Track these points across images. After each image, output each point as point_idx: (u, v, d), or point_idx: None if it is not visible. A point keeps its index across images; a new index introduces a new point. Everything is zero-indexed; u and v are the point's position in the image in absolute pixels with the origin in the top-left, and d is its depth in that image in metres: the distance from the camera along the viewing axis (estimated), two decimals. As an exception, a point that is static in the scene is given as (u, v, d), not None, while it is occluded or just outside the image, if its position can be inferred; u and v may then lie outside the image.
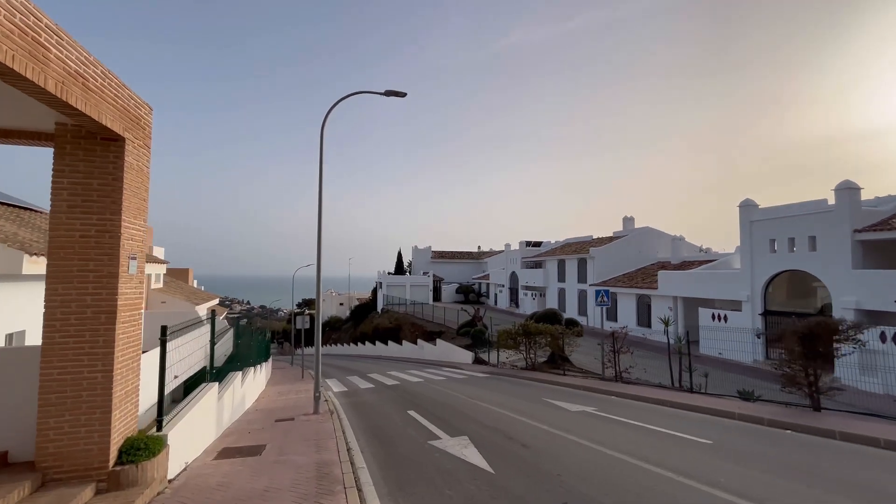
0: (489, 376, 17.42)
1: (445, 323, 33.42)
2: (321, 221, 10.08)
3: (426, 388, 14.14)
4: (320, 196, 10.17)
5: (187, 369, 6.79)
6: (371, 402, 11.83)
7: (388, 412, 10.15)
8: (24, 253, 7.76)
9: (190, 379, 7.70)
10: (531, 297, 42.24)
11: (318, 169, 10.20)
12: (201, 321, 7.07)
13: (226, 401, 8.30)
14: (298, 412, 10.19)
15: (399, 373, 20.06)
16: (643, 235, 34.65)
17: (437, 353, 27.61)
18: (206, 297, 27.99)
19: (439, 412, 9.77)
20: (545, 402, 10.73)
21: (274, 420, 9.24)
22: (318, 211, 10.12)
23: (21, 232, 9.36)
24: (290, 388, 15.88)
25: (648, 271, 31.52)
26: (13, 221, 10.17)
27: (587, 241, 39.49)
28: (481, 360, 22.49)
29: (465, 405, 10.54)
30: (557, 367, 17.95)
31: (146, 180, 5.08)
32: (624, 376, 13.03)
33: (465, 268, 62.67)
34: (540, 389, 12.93)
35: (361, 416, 9.83)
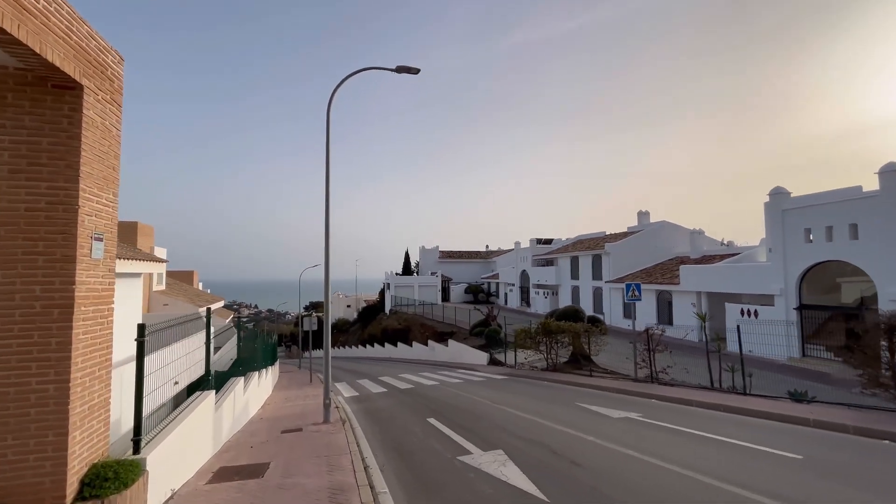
0: (508, 378, 16.37)
1: (457, 323, 32.38)
2: (329, 211, 9.12)
3: (443, 392, 13.13)
4: (327, 182, 9.21)
5: (187, 373, 5.85)
6: (385, 409, 10.83)
7: (405, 420, 9.14)
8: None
9: (193, 384, 6.81)
10: (543, 295, 41.08)
11: (325, 152, 9.24)
12: (197, 317, 6.13)
13: (225, 411, 7.33)
14: (307, 421, 9.22)
15: (412, 375, 19.07)
16: (660, 230, 33.41)
17: (450, 354, 26.57)
18: (210, 299, 27.17)
19: (463, 420, 8.75)
20: (580, 407, 9.66)
21: (280, 431, 8.27)
22: (326, 199, 9.16)
23: None
24: (298, 394, 14.94)
25: (667, 267, 30.31)
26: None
27: (600, 238, 38.31)
28: (497, 360, 21.43)
29: (491, 411, 9.51)
30: (581, 368, 16.86)
31: (116, 144, 4.12)
32: (660, 377, 11.92)
33: (473, 267, 61.61)
34: (569, 392, 11.86)
35: (376, 426, 8.84)
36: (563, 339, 16.81)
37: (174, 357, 5.66)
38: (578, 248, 37.97)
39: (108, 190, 4.01)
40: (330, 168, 9.16)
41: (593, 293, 34.46)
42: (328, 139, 9.29)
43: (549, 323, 16.46)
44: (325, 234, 9.13)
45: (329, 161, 9.25)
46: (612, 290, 31.88)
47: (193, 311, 21.02)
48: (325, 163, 9.19)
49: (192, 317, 5.97)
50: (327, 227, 9.14)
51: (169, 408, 6.09)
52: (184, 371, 5.84)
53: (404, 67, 9.95)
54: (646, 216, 36.52)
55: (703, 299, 24.70)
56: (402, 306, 45.60)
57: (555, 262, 40.83)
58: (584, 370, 16.54)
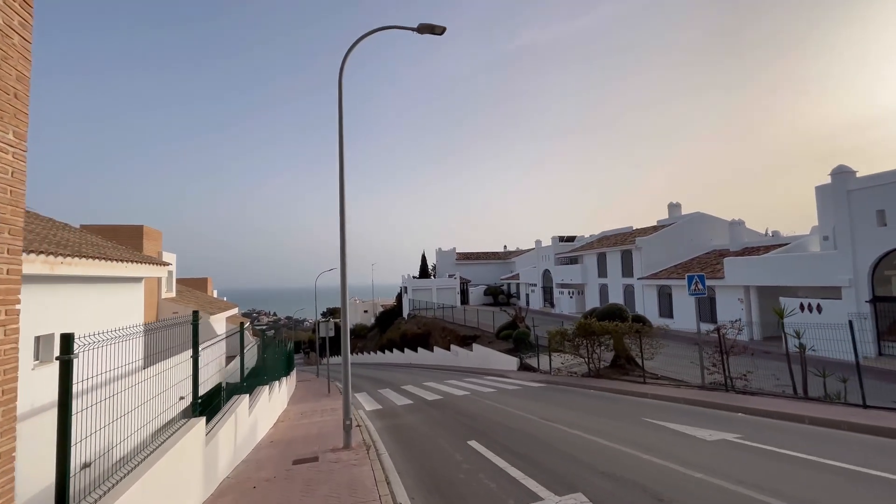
0: (547, 386, 14.66)
1: (480, 326, 30.72)
2: (343, 197, 7.65)
3: (478, 404, 11.51)
4: (341, 163, 7.74)
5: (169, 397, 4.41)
6: (415, 427, 9.28)
7: (442, 444, 7.56)
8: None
9: (205, 395, 5.44)
10: (568, 295, 39.09)
11: (338, 125, 7.79)
12: (179, 322, 4.70)
13: (222, 441, 5.88)
14: (324, 445, 7.73)
15: (437, 384, 17.51)
16: (694, 222, 31.20)
17: (475, 359, 24.92)
18: (223, 307, 26.11)
19: (515, 444, 7.13)
20: (655, 424, 7.94)
21: (292, 461, 6.78)
22: (340, 182, 7.69)
23: None
24: (315, 407, 13.51)
25: (705, 260, 28.15)
26: None
27: (628, 233, 36.22)
28: (529, 366, 19.71)
29: (546, 432, 7.86)
30: (627, 373, 15.06)
31: (22, 60, 2.68)
32: (735, 384, 10.08)
33: (491, 269, 59.82)
34: (629, 404, 10.11)
35: (407, 452, 7.28)
36: (607, 342, 15.06)
37: (155, 376, 4.24)
38: (605, 244, 35.94)
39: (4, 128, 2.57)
40: (343, 148, 7.71)
41: (624, 291, 32.39)
42: (340, 110, 7.85)
43: (589, 323, 14.71)
44: (341, 223, 7.67)
45: (342, 138, 7.80)
46: (646, 286, 29.82)
47: (204, 320, 19.87)
48: (339, 138, 7.75)
49: (171, 322, 4.53)
50: (342, 214, 7.67)
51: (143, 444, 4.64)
52: (160, 394, 4.37)
53: (427, 26, 8.48)
54: (677, 208, 34.33)
55: (752, 294, 22.55)
56: (421, 310, 44.15)
57: (580, 259, 38.86)
58: (631, 376, 14.74)
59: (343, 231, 7.72)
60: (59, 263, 7.47)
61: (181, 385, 4.91)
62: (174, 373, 4.85)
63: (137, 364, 4.45)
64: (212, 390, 8.57)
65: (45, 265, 7.11)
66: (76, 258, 7.91)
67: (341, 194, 7.68)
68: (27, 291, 7.20)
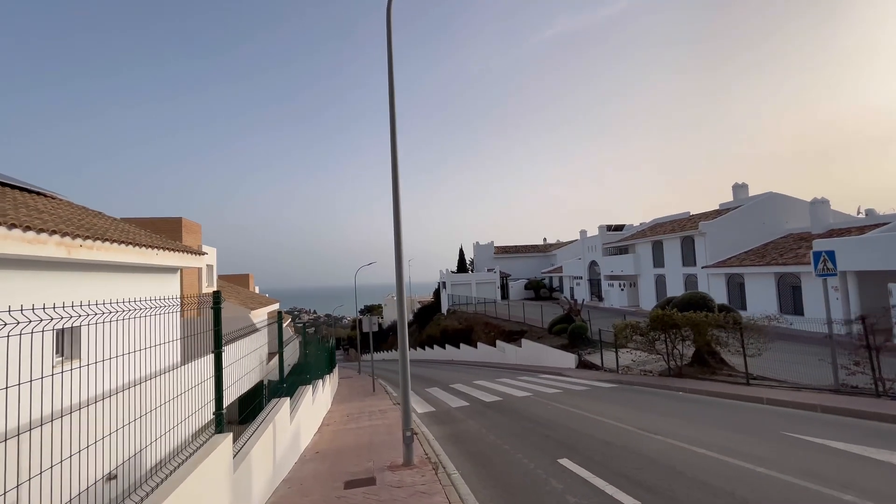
0: (620, 387, 12.80)
1: (526, 321, 28.89)
2: (395, 148, 6.24)
3: (548, 409, 9.88)
4: (392, 105, 6.32)
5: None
6: (481, 438, 7.78)
7: (525, 463, 6.02)
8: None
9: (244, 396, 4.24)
10: (619, 287, 36.49)
11: (388, 65, 6.39)
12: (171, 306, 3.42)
13: (257, 459, 4.61)
14: (380, 460, 6.38)
15: (489, 382, 16.00)
16: (767, 203, 27.93)
17: (525, 356, 23.20)
18: (265, 302, 25.74)
19: (623, 466, 5.48)
20: (803, 441, 6.05)
21: (342, 483, 5.44)
22: (392, 132, 6.28)
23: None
24: (361, 408, 12.32)
25: (782, 245, 25.01)
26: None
27: (685, 219, 33.22)
28: (589, 363, 17.81)
29: (657, 449, 6.14)
30: (713, 372, 12.95)
31: None
32: (889, 389, 7.90)
33: (531, 262, 57.59)
34: (747, 412, 8.15)
35: (483, 473, 5.79)
36: (689, 336, 12.99)
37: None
38: (659, 231, 33.09)
39: None
40: (394, 86, 6.28)
41: (685, 281, 29.55)
42: (390, 49, 6.42)
43: (669, 314, 12.68)
44: (394, 193, 6.25)
45: (392, 75, 6.37)
46: (712, 275, 26.95)
47: (244, 314, 19.30)
48: (389, 77, 6.33)
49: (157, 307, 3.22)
50: (395, 180, 6.25)
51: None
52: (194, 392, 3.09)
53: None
54: (743, 189, 30.98)
55: (851, 281, 19.49)
56: (461, 305, 42.75)
57: (631, 249, 36.11)
58: (721, 375, 12.62)
59: (397, 204, 6.31)
60: (78, 247, 6.48)
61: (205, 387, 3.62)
62: (209, 371, 3.60)
63: (175, 361, 3.24)
64: (251, 391, 7.43)
65: (60, 247, 6.11)
66: (98, 241, 6.93)
67: (393, 156, 6.27)
68: (41, 278, 6.23)
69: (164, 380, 3.11)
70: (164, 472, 2.88)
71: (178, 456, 3.08)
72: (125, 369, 2.74)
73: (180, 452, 3.13)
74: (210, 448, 3.38)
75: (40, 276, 5.92)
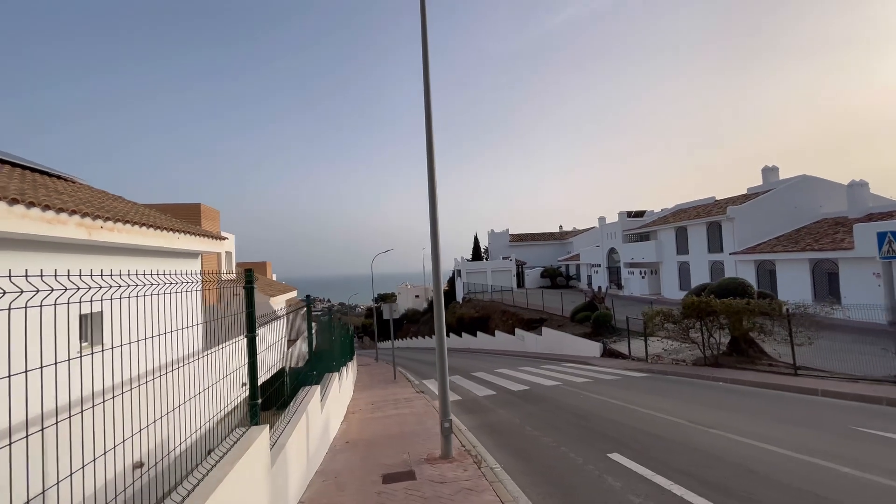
0: (653, 376, 12.28)
1: (545, 309, 28.40)
2: (430, 118, 5.75)
3: (582, 399, 9.44)
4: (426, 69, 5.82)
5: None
6: (518, 429, 7.38)
7: (572, 458, 5.60)
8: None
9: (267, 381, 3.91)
10: (640, 275, 35.64)
11: (422, 41, 5.87)
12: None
13: (292, 452, 4.27)
14: (415, 451, 6.03)
15: (511, 370, 15.64)
16: (800, 187, 26.69)
17: (546, 344, 22.75)
18: (282, 289, 25.71)
19: (687, 464, 5.02)
20: (882, 437, 5.51)
21: (379, 476, 5.11)
22: (426, 101, 5.79)
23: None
24: (384, 396, 12.06)
25: (817, 230, 23.88)
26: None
27: (710, 204, 32.09)
28: (615, 352, 17.29)
29: (719, 445, 5.66)
30: (751, 361, 12.33)
31: None
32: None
33: (547, 250, 56.75)
34: (803, 405, 7.59)
35: (529, 468, 5.39)
36: (725, 323, 12.36)
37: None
38: (683, 217, 32.03)
39: None
40: (428, 59, 5.78)
41: (710, 269, 28.61)
42: (423, 22, 5.89)
43: (707, 301, 12.04)
44: (429, 154, 5.78)
45: (427, 46, 5.86)
46: (740, 262, 25.98)
47: (264, 300, 19.18)
48: (423, 50, 5.82)
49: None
50: (430, 141, 5.78)
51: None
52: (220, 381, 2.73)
53: None
54: (773, 172, 29.68)
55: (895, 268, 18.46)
56: (476, 293, 42.41)
57: (653, 235, 35.12)
58: (760, 364, 11.99)
59: (432, 162, 5.84)
60: (99, 228, 6.18)
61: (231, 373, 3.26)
62: (232, 356, 3.24)
63: (197, 346, 2.89)
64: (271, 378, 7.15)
65: (80, 228, 5.82)
66: (119, 223, 6.65)
67: (428, 120, 5.78)
68: (60, 261, 5.94)
69: (189, 366, 2.76)
70: (199, 468, 2.52)
71: (212, 451, 2.72)
72: (148, 355, 2.39)
73: (211, 442, 2.77)
74: (247, 442, 3.01)
75: (59, 258, 5.64)
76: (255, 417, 3.36)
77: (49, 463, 1.86)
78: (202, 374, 2.84)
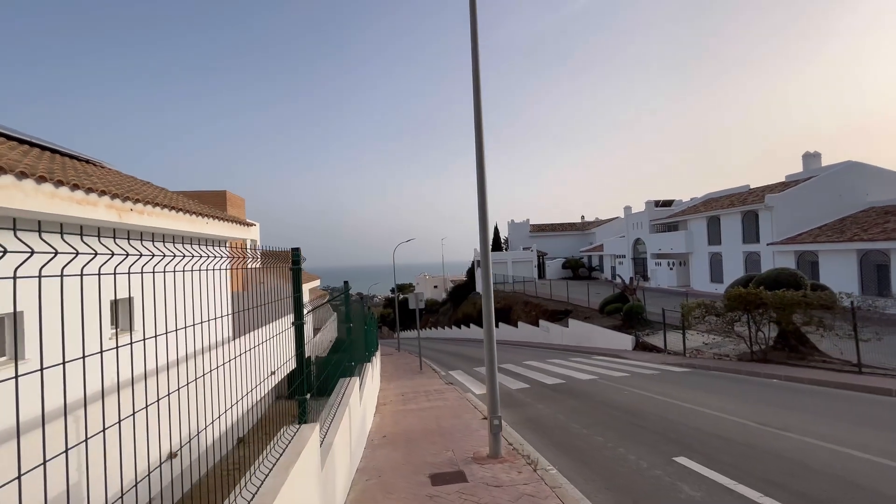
0: (696, 371, 11.62)
1: (570, 300, 27.71)
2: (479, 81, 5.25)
3: (626, 395, 8.90)
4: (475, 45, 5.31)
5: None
6: (562, 426, 6.92)
7: (631, 460, 5.12)
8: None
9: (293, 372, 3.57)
10: (667, 266, 34.52)
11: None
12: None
13: (338, 450, 3.90)
14: (459, 450, 5.63)
15: (540, 363, 15.19)
16: (846, 174, 25.13)
17: (572, 336, 22.16)
18: (306, 278, 25.73)
19: (772, 473, 4.47)
20: None
21: (427, 476, 4.72)
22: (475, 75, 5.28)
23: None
24: (415, 388, 11.75)
25: (863, 219, 22.48)
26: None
27: (746, 192, 30.63)
28: (648, 345, 16.60)
29: (803, 450, 5.08)
30: (802, 357, 11.53)
31: None
32: None
33: (568, 240, 55.68)
34: (881, 406, 6.90)
35: (586, 471, 4.93)
36: (774, 316, 11.57)
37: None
38: (715, 206, 30.70)
39: None
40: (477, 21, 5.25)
41: (745, 260, 27.38)
42: None
43: (756, 293, 11.26)
44: (476, 120, 5.29)
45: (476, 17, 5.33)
46: (778, 253, 24.72)
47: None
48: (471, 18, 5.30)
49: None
50: (478, 106, 5.28)
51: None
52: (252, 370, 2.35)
53: None
54: (815, 158, 28.09)
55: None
56: (497, 284, 41.82)
57: (682, 225, 33.85)
58: (813, 361, 11.20)
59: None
60: (129, 210, 5.92)
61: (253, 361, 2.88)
62: (265, 343, 2.86)
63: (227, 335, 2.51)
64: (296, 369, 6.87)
65: (111, 211, 5.55)
66: (149, 206, 6.39)
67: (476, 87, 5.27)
68: (93, 245, 5.70)
69: (222, 355, 2.40)
70: (254, 476, 2.13)
71: (265, 454, 2.33)
72: (180, 342, 2.03)
73: (241, 431, 2.39)
74: (300, 444, 2.63)
75: (90, 242, 5.38)
76: (304, 416, 2.98)
77: (82, 454, 1.51)
78: (235, 363, 2.47)
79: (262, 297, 2.92)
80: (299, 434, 2.77)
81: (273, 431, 2.68)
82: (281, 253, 2.97)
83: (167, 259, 1.76)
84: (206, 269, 2.04)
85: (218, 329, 8.10)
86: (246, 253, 2.62)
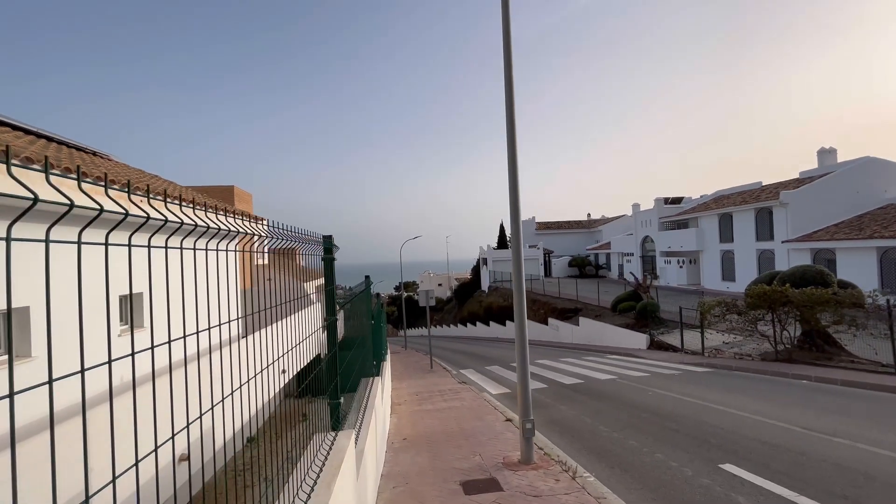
0: (718, 371, 11.25)
1: (579, 298, 27.32)
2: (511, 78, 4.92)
3: (651, 396, 8.55)
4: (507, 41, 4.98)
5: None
6: (590, 429, 6.59)
7: (674, 467, 4.79)
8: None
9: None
10: (677, 264, 34.06)
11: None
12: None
13: (368, 457, 3.59)
14: (487, 455, 5.32)
15: (553, 362, 14.86)
16: (863, 170, 24.59)
17: (583, 334, 21.81)
18: (315, 275, 25.52)
19: (836, 485, 4.14)
20: None
21: (459, 486, 4.41)
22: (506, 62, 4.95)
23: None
24: (429, 387, 11.45)
25: (882, 216, 21.98)
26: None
27: (759, 189, 30.10)
28: (664, 344, 16.23)
29: (862, 459, 4.74)
30: (829, 357, 11.14)
31: None
32: None
33: (574, 238, 55.22)
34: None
35: (627, 478, 4.61)
36: (798, 315, 11.19)
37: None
38: (727, 203, 30.20)
39: None
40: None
41: (759, 258, 26.89)
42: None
43: (782, 291, 10.86)
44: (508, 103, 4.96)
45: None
46: (793, 251, 24.23)
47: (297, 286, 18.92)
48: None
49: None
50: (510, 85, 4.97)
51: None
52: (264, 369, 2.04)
53: None
54: (830, 154, 27.54)
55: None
56: (503, 282, 41.48)
57: (692, 223, 33.35)
58: (841, 361, 10.81)
59: (511, 107, 5.01)
60: (138, 202, 5.62)
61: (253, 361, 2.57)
62: (272, 340, 2.56)
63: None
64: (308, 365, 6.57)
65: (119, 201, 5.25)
66: (159, 198, 6.07)
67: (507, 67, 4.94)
68: (94, 237, 5.40)
69: (234, 353, 2.10)
70: (299, 492, 1.82)
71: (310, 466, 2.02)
72: (188, 340, 1.73)
73: (250, 431, 2.07)
74: (339, 454, 2.32)
75: (92, 234, 5.10)
76: (338, 423, 2.67)
77: (93, 457, 1.22)
78: (246, 362, 2.18)
79: (284, 291, 2.61)
80: (336, 444, 2.46)
81: (282, 431, 2.39)
82: (312, 238, 2.65)
83: (199, 231, 1.44)
84: (246, 251, 1.73)
85: (232, 324, 7.86)
86: (276, 233, 2.30)
